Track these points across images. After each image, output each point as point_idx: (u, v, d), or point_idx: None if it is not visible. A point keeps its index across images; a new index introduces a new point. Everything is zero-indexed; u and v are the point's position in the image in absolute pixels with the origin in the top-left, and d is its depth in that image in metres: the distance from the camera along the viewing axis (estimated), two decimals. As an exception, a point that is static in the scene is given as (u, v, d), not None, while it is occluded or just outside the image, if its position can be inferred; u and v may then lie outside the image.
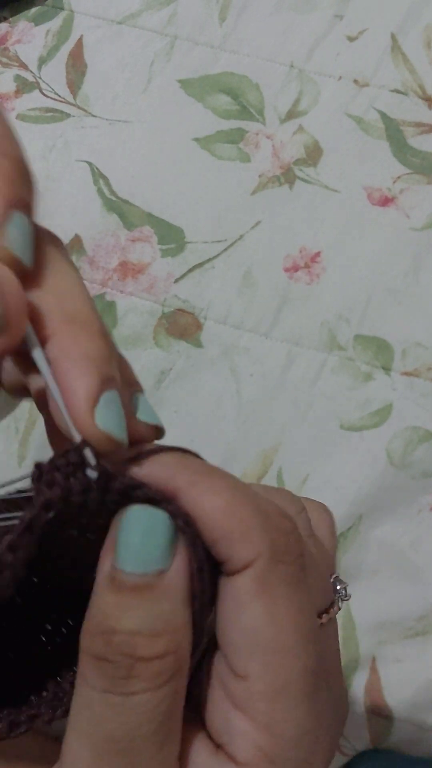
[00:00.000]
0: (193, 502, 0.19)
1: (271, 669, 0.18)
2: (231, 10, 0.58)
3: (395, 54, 0.56)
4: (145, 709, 0.18)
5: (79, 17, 0.60)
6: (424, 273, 0.52)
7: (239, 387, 0.51)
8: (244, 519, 0.19)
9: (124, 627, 0.18)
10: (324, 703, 0.19)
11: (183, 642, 0.18)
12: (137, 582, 0.18)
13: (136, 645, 0.18)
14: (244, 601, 0.19)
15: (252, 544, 0.18)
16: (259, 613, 0.18)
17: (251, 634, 0.19)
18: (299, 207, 0.54)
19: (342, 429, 0.49)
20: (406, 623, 0.47)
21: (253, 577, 0.19)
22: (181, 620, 0.18)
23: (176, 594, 0.18)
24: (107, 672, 0.18)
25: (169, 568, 0.18)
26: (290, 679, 0.18)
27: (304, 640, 0.19)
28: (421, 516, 0.48)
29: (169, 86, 0.57)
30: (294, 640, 0.19)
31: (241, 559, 0.19)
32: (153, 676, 0.18)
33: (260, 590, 0.18)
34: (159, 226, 0.54)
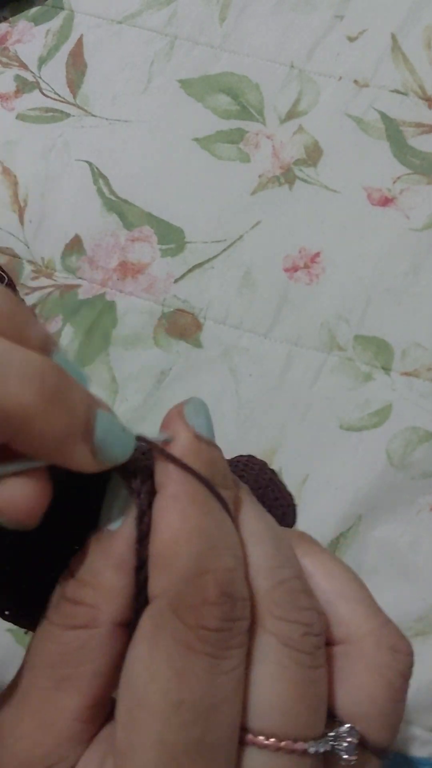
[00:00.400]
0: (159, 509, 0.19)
1: (130, 721, 0.17)
2: (231, 10, 0.58)
3: (395, 54, 0.56)
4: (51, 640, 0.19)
5: (79, 17, 0.60)
6: (423, 273, 0.52)
7: (239, 387, 0.51)
8: (176, 554, 0.18)
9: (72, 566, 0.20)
10: None
11: (102, 602, 0.19)
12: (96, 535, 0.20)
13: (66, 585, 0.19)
14: (135, 638, 0.18)
15: (163, 578, 0.18)
16: (138, 655, 0.18)
17: (127, 676, 0.18)
18: (299, 207, 0.54)
19: (342, 429, 0.49)
20: (406, 624, 0.47)
21: (149, 616, 0.18)
22: (107, 582, 0.19)
23: (109, 554, 0.19)
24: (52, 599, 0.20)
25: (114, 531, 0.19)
26: (143, 742, 0.17)
27: (168, 708, 0.17)
28: (421, 516, 0.48)
29: (169, 86, 0.57)
30: (156, 701, 0.17)
31: (151, 587, 0.18)
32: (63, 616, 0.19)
33: (149, 631, 0.18)
34: (159, 226, 0.54)
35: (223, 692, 0.17)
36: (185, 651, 0.17)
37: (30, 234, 0.54)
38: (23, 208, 0.55)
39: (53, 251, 0.54)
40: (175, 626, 0.17)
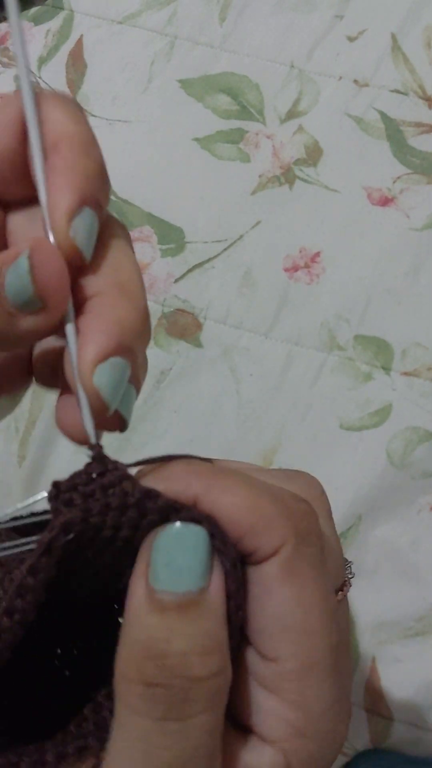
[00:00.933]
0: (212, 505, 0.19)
1: (300, 649, 0.19)
2: (231, 10, 0.58)
3: (395, 54, 0.56)
4: (203, 730, 0.17)
5: (79, 17, 0.60)
6: (423, 273, 0.52)
7: (239, 387, 0.51)
8: (264, 511, 0.19)
9: (176, 648, 0.17)
10: (344, 674, 0.20)
11: (228, 660, 0.18)
12: (182, 601, 0.18)
13: (191, 665, 0.17)
14: (271, 588, 0.19)
15: (277, 532, 0.19)
16: (286, 597, 0.19)
17: (280, 618, 0.19)
18: (299, 207, 0.54)
19: (342, 429, 0.49)
20: (406, 623, 0.47)
21: (279, 564, 0.19)
22: (225, 637, 0.18)
23: (218, 610, 0.18)
24: (162, 698, 0.17)
25: (209, 585, 0.18)
26: (318, 657, 0.19)
27: (328, 619, 0.20)
28: (421, 516, 0.48)
29: (169, 86, 0.57)
30: (320, 621, 0.19)
31: (268, 549, 0.19)
32: (210, 696, 0.17)
33: (287, 575, 0.19)
34: (159, 226, 0.54)
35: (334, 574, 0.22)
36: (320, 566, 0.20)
37: (30, 234, 0.54)
38: (23, 208, 0.55)
39: (53, 251, 0.54)
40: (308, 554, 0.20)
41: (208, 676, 0.17)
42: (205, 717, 0.17)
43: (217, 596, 0.18)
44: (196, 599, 0.18)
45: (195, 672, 0.17)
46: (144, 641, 0.17)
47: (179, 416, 0.50)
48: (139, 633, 0.18)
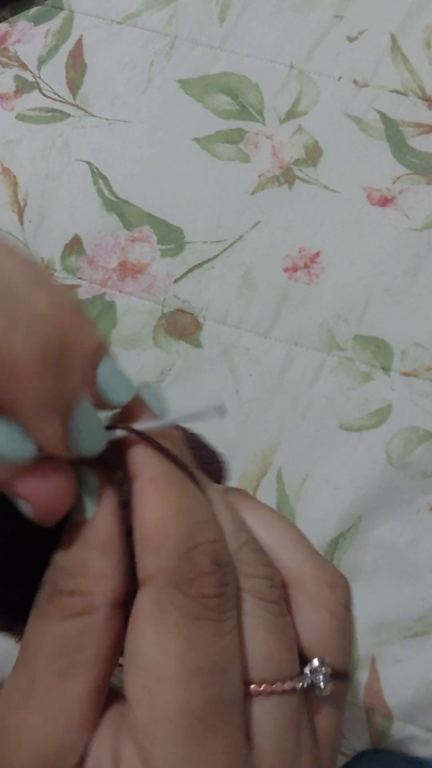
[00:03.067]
0: (139, 495, 0.20)
1: (149, 697, 0.18)
2: (231, 10, 0.58)
3: (395, 54, 0.56)
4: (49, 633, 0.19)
5: (78, 17, 0.60)
6: (423, 273, 0.52)
7: (238, 387, 0.51)
8: (166, 534, 0.19)
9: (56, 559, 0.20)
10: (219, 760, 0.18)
11: (96, 587, 0.19)
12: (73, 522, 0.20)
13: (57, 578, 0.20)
14: (137, 619, 0.19)
15: (157, 559, 0.19)
16: (146, 633, 0.19)
17: (137, 656, 0.19)
18: (299, 207, 0.54)
19: (341, 429, 0.49)
20: (405, 624, 0.47)
21: (148, 595, 0.19)
22: (96, 567, 0.19)
23: (92, 541, 0.19)
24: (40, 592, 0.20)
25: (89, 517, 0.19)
26: (166, 713, 0.18)
27: (187, 675, 0.18)
28: (420, 516, 0.48)
29: (168, 86, 0.57)
30: (174, 671, 0.18)
31: (143, 568, 0.19)
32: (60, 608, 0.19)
33: (152, 611, 0.19)
34: (158, 226, 0.54)
35: (229, 651, 0.19)
36: (192, 621, 0.18)
37: (29, 234, 0.54)
38: (23, 208, 0.55)
39: (53, 251, 0.54)
40: (178, 600, 0.18)
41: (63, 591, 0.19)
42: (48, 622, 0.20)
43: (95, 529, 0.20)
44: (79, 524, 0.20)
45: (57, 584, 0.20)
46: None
47: (179, 416, 0.50)
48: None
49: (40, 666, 0.19)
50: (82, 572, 0.19)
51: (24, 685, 0.19)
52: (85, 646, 0.19)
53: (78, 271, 0.53)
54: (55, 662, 0.19)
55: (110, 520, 0.19)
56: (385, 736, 0.47)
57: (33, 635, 0.20)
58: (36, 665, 0.19)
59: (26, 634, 0.20)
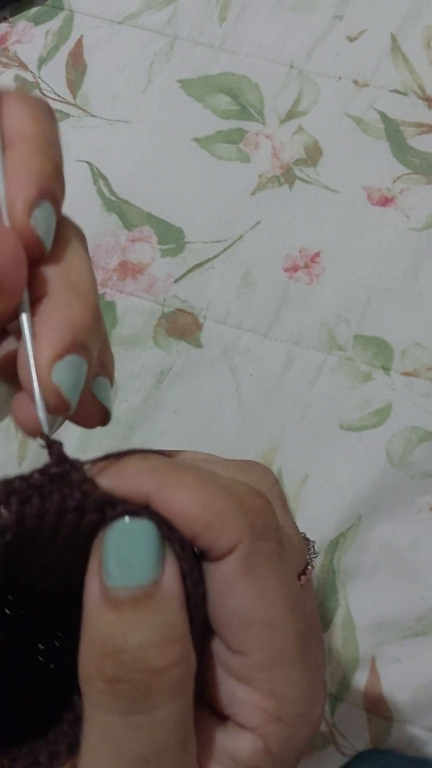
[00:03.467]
0: (166, 503, 0.19)
1: (266, 641, 0.20)
2: (231, 11, 0.58)
3: (395, 54, 0.56)
4: (171, 720, 0.17)
5: (78, 17, 0.60)
6: (423, 273, 0.52)
7: (239, 387, 0.51)
8: (220, 508, 0.19)
9: (133, 642, 0.17)
10: (314, 658, 0.21)
11: (190, 647, 0.18)
12: (135, 595, 0.18)
13: (150, 658, 0.17)
14: (232, 584, 0.19)
15: (232, 530, 0.19)
16: (247, 592, 0.19)
17: (243, 612, 0.20)
18: (299, 207, 0.54)
19: (341, 429, 0.49)
20: (406, 623, 0.47)
21: (237, 560, 0.19)
22: (185, 626, 0.18)
23: (174, 600, 0.18)
24: (125, 693, 0.17)
25: (162, 576, 0.18)
26: (284, 646, 0.20)
27: (291, 608, 0.20)
28: (421, 516, 0.48)
29: (168, 86, 0.57)
30: (283, 611, 0.20)
31: (225, 546, 0.19)
32: (172, 685, 0.17)
33: (246, 571, 0.19)
34: (159, 226, 0.54)
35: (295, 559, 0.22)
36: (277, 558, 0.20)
37: (30, 234, 0.54)
38: (23, 209, 0.55)
39: (53, 251, 0.54)
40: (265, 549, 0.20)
41: (169, 666, 0.17)
42: (170, 707, 0.17)
43: (172, 586, 0.18)
44: (150, 591, 0.18)
45: (155, 664, 0.17)
46: (101, 639, 0.17)
47: (179, 416, 0.50)
48: (95, 631, 0.18)
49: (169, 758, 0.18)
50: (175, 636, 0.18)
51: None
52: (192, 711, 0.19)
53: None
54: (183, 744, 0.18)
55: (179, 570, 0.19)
56: (385, 736, 0.47)
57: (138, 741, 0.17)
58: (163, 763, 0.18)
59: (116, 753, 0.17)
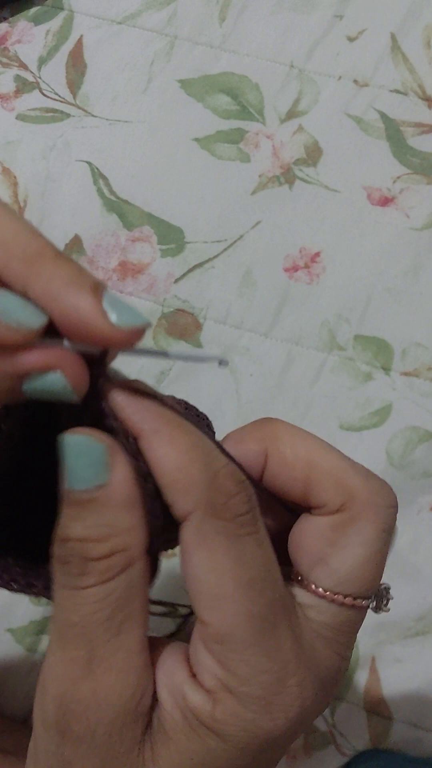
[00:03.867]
0: (150, 449, 0.21)
1: (215, 614, 0.21)
2: (231, 10, 0.58)
3: (395, 54, 0.56)
4: (96, 598, 0.20)
5: (79, 17, 0.60)
6: (424, 273, 0.52)
7: (239, 387, 0.51)
8: (189, 474, 0.21)
9: (74, 534, 0.20)
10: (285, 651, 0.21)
11: (130, 542, 0.21)
12: (80, 497, 0.20)
13: (86, 549, 0.20)
14: (187, 551, 0.21)
15: (190, 497, 0.21)
16: (199, 562, 0.21)
17: (195, 582, 0.21)
18: (299, 207, 0.54)
19: (342, 429, 0.49)
20: (406, 623, 0.47)
21: (191, 529, 0.21)
22: (125, 524, 0.21)
23: (117, 503, 0.20)
24: (65, 570, 0.21)
25: (106, 483, 0.20)
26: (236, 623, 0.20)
27: (245, 587, 0.21)
28: (421, 516, 0.48)
29: (169, 86, 0.57)
30: (233, 588, 0.21)
31: (179, 509, 0.21)
32: (102, 572, 0.20)
33: (199, 542, 0.21)
34: (159, 226, 0.54)
35: (270, 555, 0.22)
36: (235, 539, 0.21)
37: (30, 234, 0.54)
38: (23, 208, 0.55)
39: (53, 251, 0.54)
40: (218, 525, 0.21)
41: (101, 557, 0.20)
42: (97, 588, 0.20)
43: (117, 491, 0.20)
44: (92, 496, 0.20)
45: (90, 554, 0.20)
46: (58, 527, 0.21)
47: (179, 416, 0.50)
48: (59, 519, 0.21)
49: (95, 631, 0.20)
50: (114, 533, 0.20)
51: (81, 656, 0.21)
52: (133, 597, 0.21)
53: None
54: (110, 621, 0.20)
55: (129, 478, 0.21)
56: (385, 736, 0.47)
57: (71, 609, 0.21)
58: (89, 633, 0.20)
59: (60, 613, 0.21)
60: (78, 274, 0.20)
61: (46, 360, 0.20)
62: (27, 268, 0.20)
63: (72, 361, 0.20)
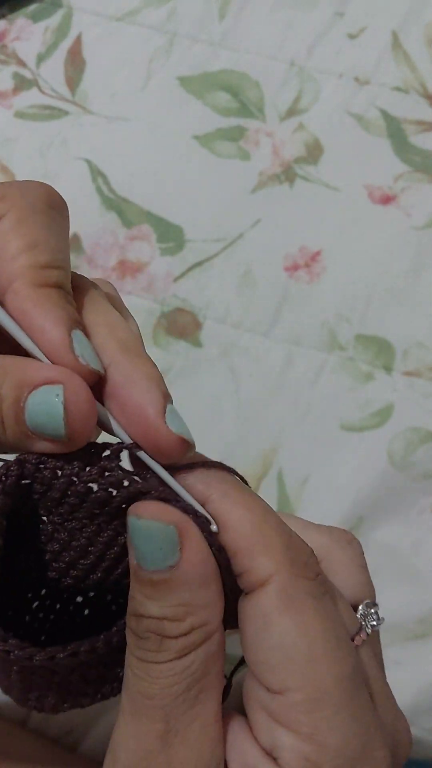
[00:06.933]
0: (221, 511, 0.21)
1: (307, 680, 0.20)
2: (231, 7, 0.58)
3: (396, 52, 0.56)
4: (174, 671, 0.20)
5: (77, 14, 0.59)
6: (425, 272, 0.51)
7: (239, 387, 0.50)
8: (266, 535, 0.20)
9: (149, 613, 0.20)
10: (368, 711, 0.20)
11: (208, 617, 0.20)
12: (152, 577, 0.20)
13: (164, 627, 0.20)
14: (270, 618, 0.20)
15: (273, 557, 0.20)
16: (287, 626, 0.20)
17: (283, 648, 0.20)
18: (299, 205, 0.53)
19: (342, 430, 0.49)
20: (407, 625, 0.47)
21: (276, 592, 0.20)
22: (203, 601, 0.20)
23: (192, 581, 0.20)
24: (141, 645, 0.21)
25: (177, 563, 0.20)
26: (327, 687, 0.20)
27: (335, 647, 0.20)
28: (422, 518, 0.48)
29: (168, 83, 0.57)
30: (325, 649, 0.20)
31: (261, 571, 0.20)
32: (180, 649, 0.20)
33: (286, 604, 0.20)
34: (158, 225, 0.53)
35: (344, 614, 0.22)
36: (320, 598, 0.20)
37: (28, 232, 0.54)
38: (21, 207, 0.55)
39: (51, 250, 0.54)
40: (306, 586, 0.20)
41: (178, 636, 0.20)
42: (175, 662, 0.20)
43: (191, 569, 0.20)
44: (164, 577, 0.20)
45: (167, 632, 0.20)
46: (132, 602, 0.21)
47: (178, 416, 0.50)
48: (131, 594, 0.21)
49: (172, 704, 0.20)
50: (191, 611, 0.20)
51: (157, 728, 0.20)
52: (209, 668, 0.21)
53: (77, 270, 0.53)
54: (187, 693, 0.20)
55: (204, 553, 0.20)
56: (386, 739, 0.47)
57: (148, 681, 0.20)
58: (166, 706, 0.20)
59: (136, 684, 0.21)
60: (157, 377, 0.21)
61: (53, 375, 0.20)
62: (121, 353, 0.21)
63: (76, 380, 0.20)
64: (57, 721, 0.49)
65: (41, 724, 0.50)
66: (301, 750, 0.20)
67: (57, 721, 0.49)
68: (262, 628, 0.20)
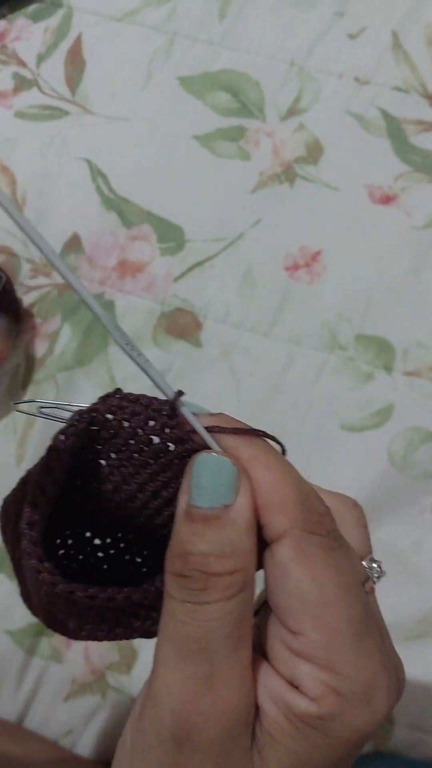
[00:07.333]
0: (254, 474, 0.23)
1: (320, 621, 0.22)
2: (231, 7, 0.58)
3: (396, 51, 0.56)
4: (219, 615, 0.22)
5: (78, 14, 0.59)
6: (425, 272, 0.51)
7: (239, 387, 0.50)
8: (285, 495, 0.22)
9: (196, 549, 0.22)
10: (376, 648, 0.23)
11: (248, 563, 0.22)
12: (207, 514, 0.22)
13: (209, 564, 0.22)
14: (287, 567, 0.22)
15: (287, 516, 0.22)
16: (300, 575, 0.22)
17: (297, 594, 0.22)
18: (300, 205, 0.53)
19: (343, 429, 0.49)
20: (407, 625, 0.47)
21: (290, 546, 0.22)
22: (246, 546, 0.22)
23: (240, 524, 0.22)
24: (185, 585, 0.22)
25: (233, 503, 0.22)
26: (339, 627, 0.22)
27: (345, 593, 0.22)
28: (423, 517, 0.48)
29: (168, 83, 0.57)
30: (335, 594, 0.22)
31: (276, 527, 0.22)
32: (224, 588, 0.22)
33: (299, 555, 0.22)
34: (158, 225, 0.53)
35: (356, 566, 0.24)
36: (331, 552, 0.22)
37: (28, 232, 0.54)
38: (21, 206, 0.54)
39: (52, 250, 0.53)
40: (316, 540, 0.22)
41: (223, 573, 0.22)
42: (220, 605, 0.22)
43: (241, 512, 0.22)
44: (218, 513, 0.22)
45: (212, 569, 0.22)
46: (177, 543, 0.22)
47: (179, 416, 0.50)
48: (176, 536, 0.23)
49: (217, 647, 0.22)
50: (235, 552, 0.22)
51: (203, 671, 0.22)
52: (247, 617, 0.22)
53: (77, 271, 0.53)
54: (231, 638, 0.22)
55: (251, 502, 0.22)
56: (387, 739, 0.47)
57: (193, 625, 0.22)
58: (211, 649, 0.22)
59: (179, 628, 0.22)
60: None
61: None
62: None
63: None
64: (57, 721, 0.49)
65: (41, 724, 0.50)
66: (320, 677, 0.22)
67: (57, 721, 0.49)
68: (281, 576, 0.22)
